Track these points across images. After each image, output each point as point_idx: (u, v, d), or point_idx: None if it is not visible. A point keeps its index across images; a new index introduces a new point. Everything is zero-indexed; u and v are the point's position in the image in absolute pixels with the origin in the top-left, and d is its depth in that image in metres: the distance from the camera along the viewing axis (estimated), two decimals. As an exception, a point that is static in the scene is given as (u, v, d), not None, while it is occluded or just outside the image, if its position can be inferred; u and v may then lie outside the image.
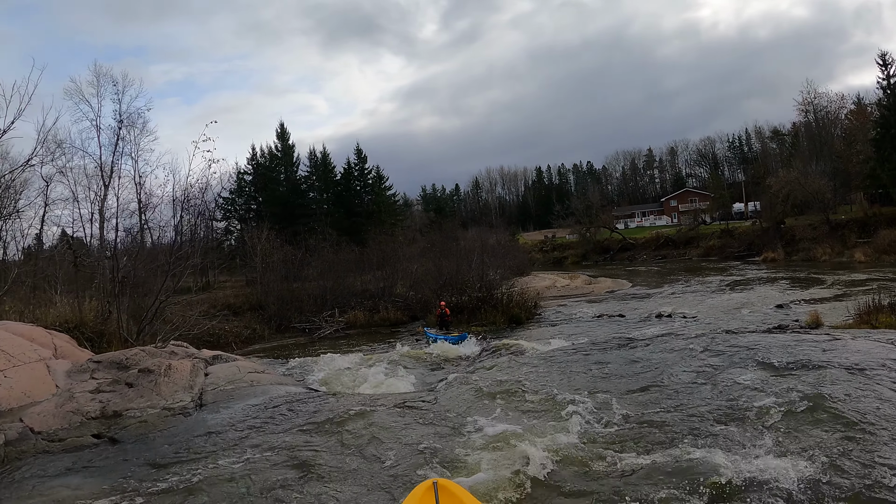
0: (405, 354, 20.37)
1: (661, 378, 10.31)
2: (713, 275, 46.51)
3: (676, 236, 78.01)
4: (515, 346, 19.45)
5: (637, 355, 12.46)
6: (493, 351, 19.39)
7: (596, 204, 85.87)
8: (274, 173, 69.51)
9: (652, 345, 13.48)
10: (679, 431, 7.68)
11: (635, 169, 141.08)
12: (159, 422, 9.37)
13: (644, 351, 12.89)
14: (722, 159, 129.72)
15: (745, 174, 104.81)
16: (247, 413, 9.67)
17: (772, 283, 37.10)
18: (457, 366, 17.69)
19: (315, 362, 18.79)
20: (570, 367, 12.02)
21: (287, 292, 32.86)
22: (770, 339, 12.99)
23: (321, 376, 16.62)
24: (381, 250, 39.70)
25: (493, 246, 38.87)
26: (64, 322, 14.94)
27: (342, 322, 31.26)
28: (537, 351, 16.63)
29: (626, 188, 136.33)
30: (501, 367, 13.13)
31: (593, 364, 12.13)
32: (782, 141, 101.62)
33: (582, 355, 13.14)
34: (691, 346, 12.59)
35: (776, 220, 64.20)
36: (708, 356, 11.54)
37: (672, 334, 16.41)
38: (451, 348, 20.17)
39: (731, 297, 32.14)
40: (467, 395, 10.52)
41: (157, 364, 11.27)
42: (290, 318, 31.18)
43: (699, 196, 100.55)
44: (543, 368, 12.10)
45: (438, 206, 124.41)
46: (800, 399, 8.21)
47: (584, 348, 14.45)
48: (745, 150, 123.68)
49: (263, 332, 29.50)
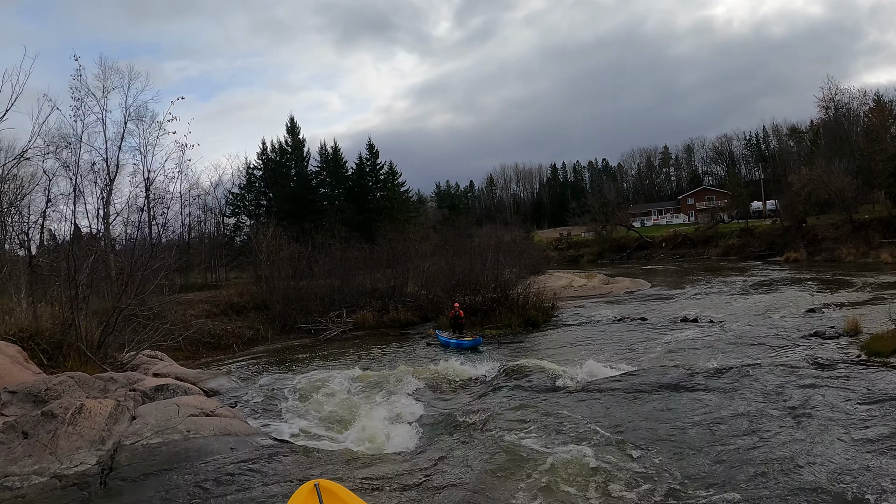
0: (411, 373, 17.94)
1: (742, 441, 9.07)
2: (735, 275, 45.06)
3: (694, 235, 76.66)
4: (538, 367, 16.48)
5: (691, 400, 11.13)
6: (513, 373, 16.28)
7: (612, 201, 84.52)
8: (284, 168, 68.24)
9: (706, 382, 12.17)
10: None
11: (651, 166, 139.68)
12: (40, 501, 6.91)
13: (700, 394, 11.52)
14: (739, 157, 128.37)
15: (763, 172, 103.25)
16: (165, 496, 7.19)
17: (798, 284, 35.56)
18: (471, 395, 14.88)
19: (297, 382, 16.63)
20: (611, 414, 10.66)
21: (293, 291, 31.55)
22: (838, 374, 11.81)
23: (295, 407, 14.02)
24: (392, 248, 38.30)
25: (508, 244, 37.40)
26: (20, 331, 13.51)
27: (350, 323, 29.95)
28: (567, 380, 14.57)
29: (641, 186, 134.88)
30: (527, 407, 11.80)
31: (642, 410, 10.71)
32: (800, 139, 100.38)
33: (622, 394, 11.94)
34: (752, 386, 11.37)
35: (798, 220, 62.77)
36: (781, 406, 10.29)
37: (714, 351, 15.16)
38: (464, 369, 17.73)
39: (758, 299, 30.65)
40: (490, 465, 8.77)
41: (66, 406, 8.66)
42: (295, 318, 29.85)
43: (717, 194, 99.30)
44: (582, 413, 10.69)
45: (452, 202, 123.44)
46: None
47: (620, 383, 13.17)
48: (762, 147, 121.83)
49: (267, 333, 28.20)
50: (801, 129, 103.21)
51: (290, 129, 69.12)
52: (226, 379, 17.78)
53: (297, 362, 22.46)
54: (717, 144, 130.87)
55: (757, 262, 56.21)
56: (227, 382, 17.25)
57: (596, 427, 10.28)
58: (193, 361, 24.48)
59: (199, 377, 16.97)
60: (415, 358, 21.46)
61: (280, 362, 22.87)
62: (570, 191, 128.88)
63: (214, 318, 29.20)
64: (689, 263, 63.84)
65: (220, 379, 17.36)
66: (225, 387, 16.52)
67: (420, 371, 17.90)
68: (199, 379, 16.63)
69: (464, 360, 19.49)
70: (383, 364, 20.51)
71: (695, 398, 11.64)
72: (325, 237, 39.62)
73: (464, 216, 69.27)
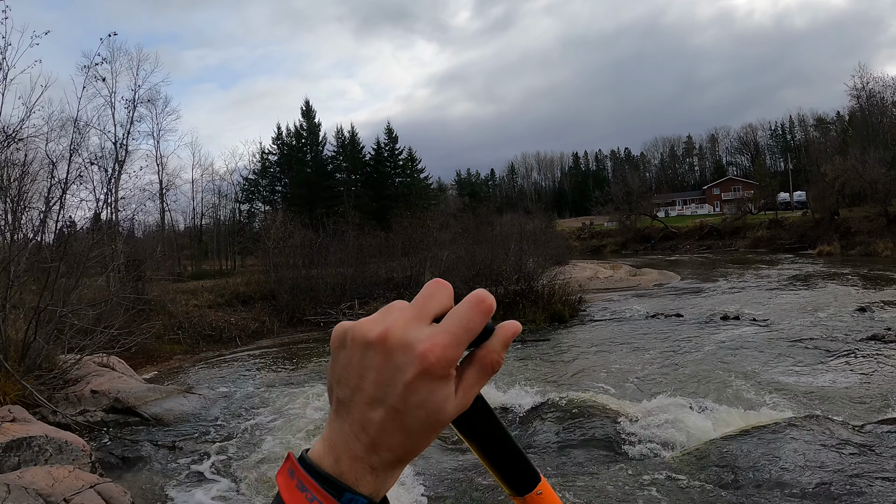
0: None
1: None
2: (767, 268, 42.99)
3: (721, 226, 74.47)
4: (594, 406, 11.99)
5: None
6: (558, 411, 12.01)
7: (636, 190, 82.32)
8: (299, 153, 66.48)
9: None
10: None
11: (674, 156, 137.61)
12: None
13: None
14: (764, 147, 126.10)
15: (788, 163, 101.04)
16: None
17: (837, 280, 33.40)
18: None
19: (279, 400, 14.24)
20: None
21: (302, 280, 29.67)
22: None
23: (242, 460, 10.88)
24: (408, 235, 36.23)
25: (531, 232, 35.41)
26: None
27: (362, 315, 28.03)
28: (645, 438, 10.47)
29: (664, 176, 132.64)
30: (591, 490, 8.60)
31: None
32: (826, 129, 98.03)
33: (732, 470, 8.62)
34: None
35: (830, 212, 60.44)
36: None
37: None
38: (486, 392, 13.92)
39: (799, 295, 28.62)
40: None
41: None
42: (304, 309, 28.02)
43: (743, 184, 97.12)
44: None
45: (473, 190, 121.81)
46: None
47: (716, 450, 9.34)
48: (787, 138, 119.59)
49: (273, 326, 26.43)
50: (828, 120, 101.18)
51: (305, 113, 67.38)
52: (181, 399, 14.53)
53: (298, 363, 20.65)
54: (741, 134, 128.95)
55: (788, 255, 53.98)
56: (180, 405, 14.17)
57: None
58: (192, 356, 22.88)
59: (147, 397, 14.00)
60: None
61: (279, 361, 21.06)
62: (593, 180, 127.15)
63: (218, 309, 27.47)
64: (717, 255, 61.87)
65: (173, 400, 14.36)
66: (173, 412, 13.65)
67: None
68: (144, 400, 13.76)
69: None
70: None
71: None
72: (337, 223, 37.79)
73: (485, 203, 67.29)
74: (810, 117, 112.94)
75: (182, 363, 22.03)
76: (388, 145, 69.14)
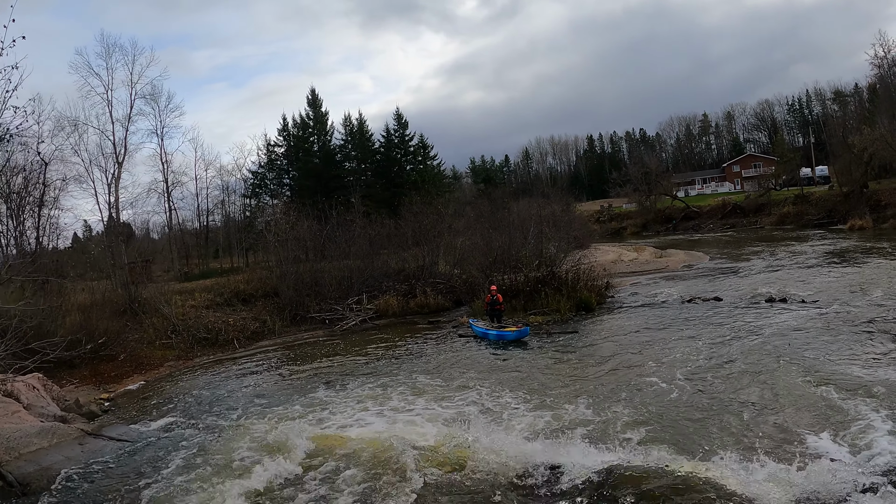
0: (425, 414, 12.50)
1: None
2: (798, 244, 40.80)
3: (745, 203, 72.09)
4: (676, 481, 8.27)
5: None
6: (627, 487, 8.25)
7: (655, 170, 79.94)
8: (306, 144, 64.35)
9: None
10: None
11: (690, 135, 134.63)
12: None
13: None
14: (781, 123, 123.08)
15: (809, 136, 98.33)
16: None
17: (879, 255, 31.16)
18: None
19: (189, 434, 12.01)
20: None
21: (307, 275, 27.56)
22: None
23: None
24: (419, 222, 33.91)
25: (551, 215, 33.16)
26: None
27: (371, 310, 26.14)
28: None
29: (681, 155, 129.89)
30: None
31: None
32: (845, 102, 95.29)
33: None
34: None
35: (859, 185, 57.81)
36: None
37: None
38: (520, 452, 10.15)
39: (843, 273, 26.42)
40: None
41: None
42: (308, 306, 26.02)
43: (763, 160, 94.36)
44: None
45: (488, 176, 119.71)
46: None
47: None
48: (805, 113, 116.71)
49: (274, 325, 24.34)
50: (846, 93, 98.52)
51: (311, 102, 65.13)
52: (73, 449, 10.75)
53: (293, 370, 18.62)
54: (758, 110, 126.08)
55: (817, 231, 51.62)
56: (68, 459, 10.31)
57: None
58: (185, 362, 20.92)
59: (27, 446, 10.38)
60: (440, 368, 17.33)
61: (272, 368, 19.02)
62: (608, 162, 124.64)
63: (216, 309, 25.45)
64: (742, 233, 59.83)
65: (64, 449, 10.67)
66: (51, 471, 9.80)
67: (433, 454, 10.17)
68: (20, 451, 10.14)
69: (517, 429, 11.36)
70: (391, 379, 16.42)
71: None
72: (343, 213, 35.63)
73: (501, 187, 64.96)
74: (828, 90, 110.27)
75: (173, 370, 20.11)
76: (397, 131, 66.90)
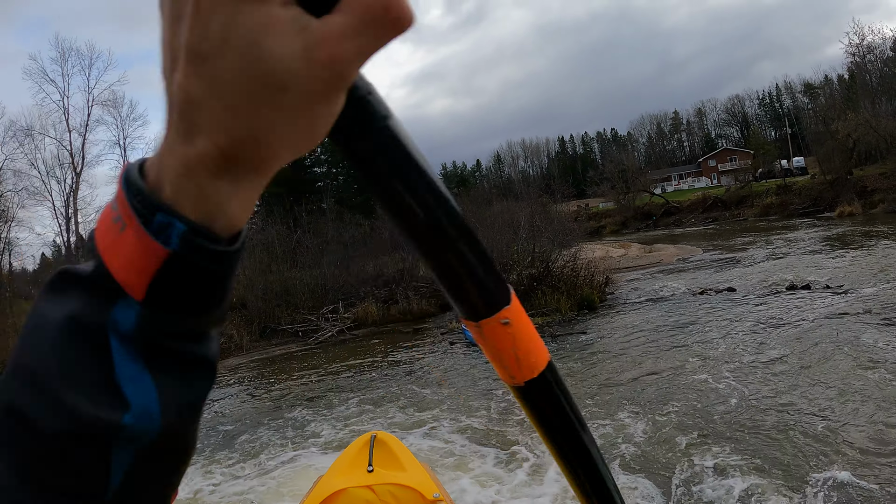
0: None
1: None
2: (790, 233, 39.33)
3: (726, 196, 71.76)
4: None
5: None
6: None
7: (631, 167, 78.91)
8: (273, 148, 61.84)
9: None
10: None
11: (662, 133, 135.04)
12: None
13: None
14: (752, 117, 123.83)
15: (787, 127, 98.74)
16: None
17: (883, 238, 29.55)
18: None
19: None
20: None
21: (276, 284, 25.23)
22: None
23: None
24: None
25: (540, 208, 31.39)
26: None
27: (348, 320, 23.79)
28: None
29: (653, 153, 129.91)
30: None
31: None
32: (815, 94, 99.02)
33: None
34: None
35: (844, 171, 56.89)
36: None
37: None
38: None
39: (854, 257, 24.65)
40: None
41: None
42: (279, 317, 23.73)
43: (739, 154, 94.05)
44: None
45: (462, 179, 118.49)
46: None
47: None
48: (776, 107, 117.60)
49: (242, 340, 21.86)
50: (816, 85, 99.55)
51: (278, 108, 62.82)
52: None
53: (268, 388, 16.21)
54: (728, 106, 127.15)
55: (804, 220, 50.30)
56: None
57: None
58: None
59: None
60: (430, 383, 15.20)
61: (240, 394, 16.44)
62: (581, 163, 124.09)
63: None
64: (726, 226, 58.54)
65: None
66: None
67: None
68: None
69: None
70: (375, 406, 14.24)
71: None
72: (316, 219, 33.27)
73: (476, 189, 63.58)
74: (798, 84, 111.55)
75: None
76: (370, 133, 64.88)
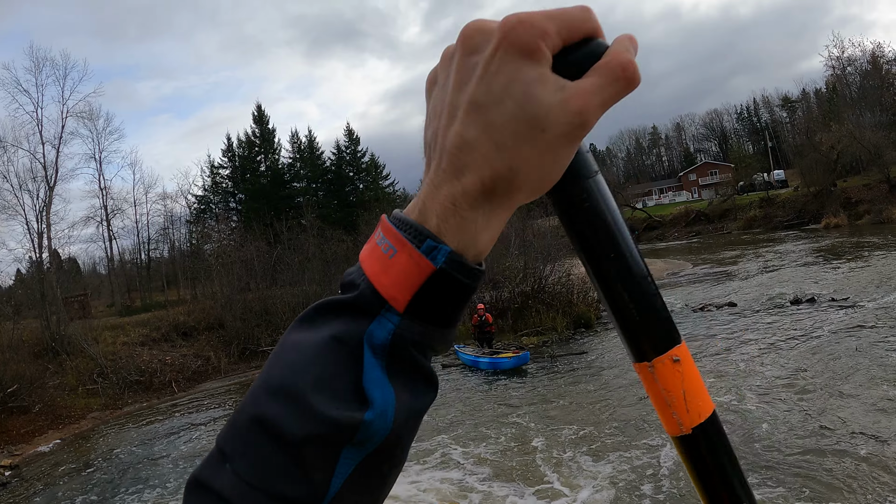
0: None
1: None
2: (778, 245, 39.59)
3: (709, 210, 71.81)
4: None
5: None
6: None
7: (611, 182, 78.34)
8: (253, 164, 60.77)
9: None
10: None
11: (640, 148, 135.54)
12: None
13: None
14: (730, 131, 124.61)
15: (768, 141, 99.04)
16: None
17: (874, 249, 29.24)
18: None
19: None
20: None
21: (256, 302, 24.02)
22: None
23: None
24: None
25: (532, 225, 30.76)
26: None
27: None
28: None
29: (632, 168, 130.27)
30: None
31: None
32: (793, 108, 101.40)
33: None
34: None
35: (828, 183, 56.92)
36: None
37: None
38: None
39: (850, 269, 24.22)
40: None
41: None
42: (258, 338, 22.39)
43: (720, 168, 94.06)
44: None
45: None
46: None
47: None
48: (753, 120, 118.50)
49: (220, 362, 20.71)
50: (793, 99, 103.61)
51: (257, 119, 61.74)
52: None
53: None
54: (707, 120, 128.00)
55: (790, 232, 50.40)
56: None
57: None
58: (113, 412, 17.27)
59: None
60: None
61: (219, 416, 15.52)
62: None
63: (153, 346, 21.76)
64: (709, 240, 59.07)
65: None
66: None
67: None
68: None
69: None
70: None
71: None
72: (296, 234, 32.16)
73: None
74: (775, 97, 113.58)
75: (97, 423, 16.48)
76: (349, 147, 63.91)
